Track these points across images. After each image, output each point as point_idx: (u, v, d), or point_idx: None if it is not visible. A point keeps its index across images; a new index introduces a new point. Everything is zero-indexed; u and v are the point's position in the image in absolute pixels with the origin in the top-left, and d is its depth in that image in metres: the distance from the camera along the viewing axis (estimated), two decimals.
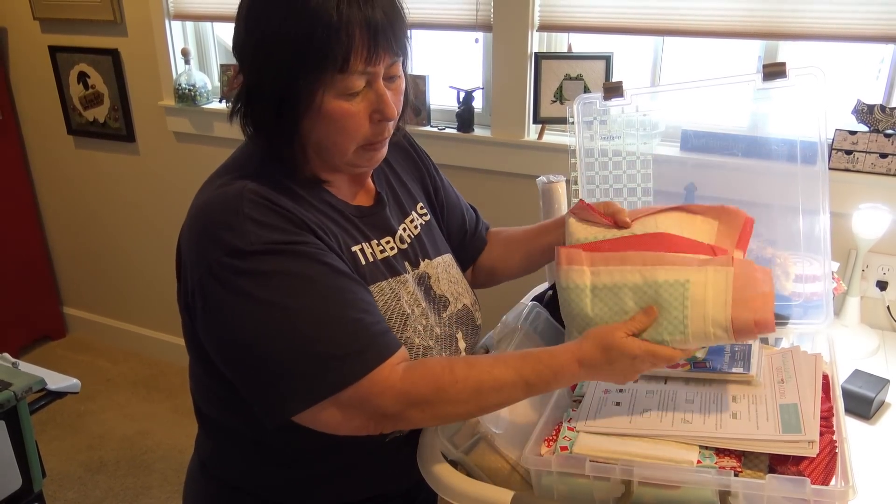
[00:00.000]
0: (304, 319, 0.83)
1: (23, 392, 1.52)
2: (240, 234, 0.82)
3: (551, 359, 0.87)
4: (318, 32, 0.80)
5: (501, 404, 0.90)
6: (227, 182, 0.89)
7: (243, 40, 0.87)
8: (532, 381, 0.87)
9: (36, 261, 3.12)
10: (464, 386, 0.85)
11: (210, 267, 0.83)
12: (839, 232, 1.58)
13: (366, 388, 0.83)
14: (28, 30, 2.75)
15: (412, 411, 0.86)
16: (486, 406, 0.88)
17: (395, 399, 0.84)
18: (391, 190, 1.08)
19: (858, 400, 1.28)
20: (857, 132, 1.60)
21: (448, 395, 0.85)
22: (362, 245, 0.96)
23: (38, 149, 3.01)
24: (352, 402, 0.84)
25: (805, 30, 1.63)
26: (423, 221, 1.10)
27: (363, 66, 0.84)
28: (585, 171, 1.28)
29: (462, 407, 0.86)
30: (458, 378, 0.85)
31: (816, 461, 0.85)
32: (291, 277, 0.83)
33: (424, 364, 0.87)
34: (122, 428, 2.64)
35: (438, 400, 0.85)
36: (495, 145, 2.05)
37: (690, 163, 1.42)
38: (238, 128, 0.93)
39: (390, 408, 0.85)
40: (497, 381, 0.86)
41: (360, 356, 0.83)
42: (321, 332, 0.83)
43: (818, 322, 1.16)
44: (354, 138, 0.90)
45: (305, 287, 0.83)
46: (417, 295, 1.01)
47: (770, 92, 1.17)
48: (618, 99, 1.24)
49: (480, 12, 1.97)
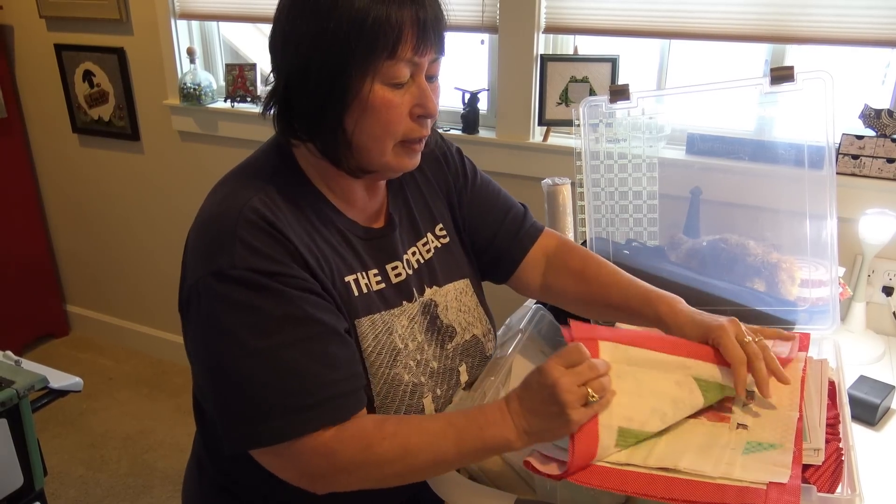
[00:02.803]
0: (259, 362, 0.81)
1: (25, 390, 1.52)
2: (226, 256, 0.82)
3: (479, 407, 0.84)
4: (369, 20, 0.81)
5: (433, 462, 0.82)
6: (234, 192, 0.88)
7: (286, 35, 0.86)
8: (461, 426, 0.82)
9: (39, 258, 3.12)
10: (391, 444, 0.81)
11: (196, 283, 0.83)
12: (845, 237, 1.57)
13: (298, 447, 0.81)
14: (34, 28, 2.76)
15: (339, 475, 0.83)
16: (414, 465, 0.82)
17: (322, 462, 0.82)
18: (407, 210, 1.05)
19: (864, 406, 1.27)
20: (865, 137, 1.60)
21: (376, 455, 0.81)
22: (357, 275, 0.93)
23: (43, 147, 3.02)
24: (285, 454, 0.82)
25: (812, 34, 1.62)
26: (438, 244, 1.07)
27: (411, 55, 0.84)
28: (591, 174, 1.28)
29: (390, 467, 0.82)
30: (387, 434, 0.82)
31: (822, 469, 0.85)
32: (260, 316, 0.81)
33: (356, 422, 0.84)
34: (124, 427, 2.64)
35: (365, 462, 0.82)
36: (500, 147, 2.05)
37: (696, 166, 1.42)
38: (243, 128, 0.92)
39: (316, 470, 0.83)
40: (425, 433, 0.82)
41: (298, 416, 0.81)
42: (271, 379, 0.81)
43: (824, 327, 1.15)
44: (394, 134, 0.88)
45: (271, 329, 0.81)
46: (415, 327, 0.98)
47: (777, 96, 1.17)
48: (624, 102, 1.24)
49: (486, 14, 1.96)
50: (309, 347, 0.82)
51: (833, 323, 1.15)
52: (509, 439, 0.81)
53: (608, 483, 0.79)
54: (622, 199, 1.29)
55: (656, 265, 1.24)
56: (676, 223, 1.35)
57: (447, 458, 0.82)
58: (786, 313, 1.16)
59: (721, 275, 1.22)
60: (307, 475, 0.84)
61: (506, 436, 0.81)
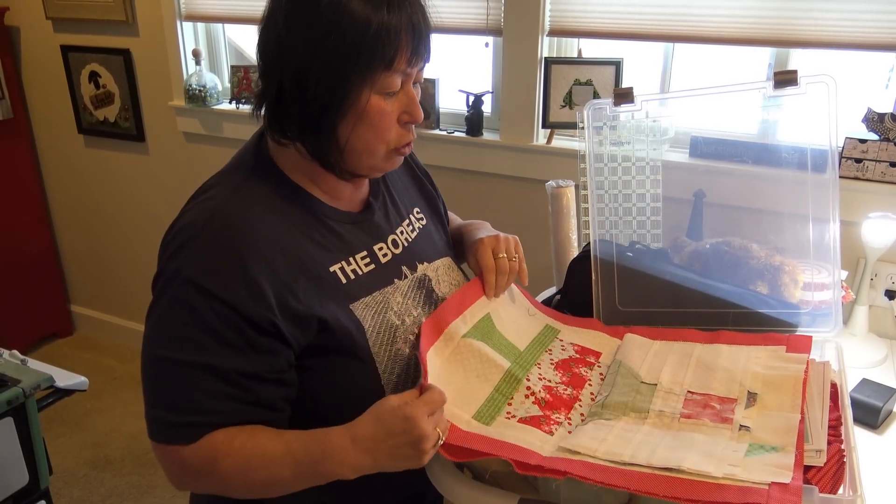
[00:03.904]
0: (154, 365, 0.87)
1: (31, 389, 1.53)
2: (182, 257, 0.86)
3: (324, 434, 0.85)
4: (370, 33, 0.83)
5: (270, 483, 0.86)
6: (211, 197, 0.92)
7: (282, 41, 0.86)
8: (299, 456, 0.85)
9: (44, 258, 3.14)
10: (233, 461, 0.85)
11: (158, 272, 0.89)
12: (848, 240, 1.57)
13: (160, 450, 0.88)
14: (40, 29, 2.77)
15: (190, 483, 0.90)
16: (252, 483, 0.86)
17: (177, 468, 0.88)
18: (388, 194, 1.09)
19: (866, 409, 1.27)
20: (868, 141, 1.60)
21: (219, 469, 0.86)
22: (342, 263, 0.95)
23: (49, 147, 3.03)
24: (157, 450, 0.89)
25: (816, 37, 1.62)
26: (420, 226, 1.11)
27: (405, 66, 0.88)
28: (594, 177, 1.28)
29: (231, 482, 0.87)
30: (232, 451, 0.85)
31: (824, 470, 0.85)
32: (173, 326, 0.85)
33: (209, 437, 0.86)
34: (128, 426, 2.65)
35: (209, 474, 0.86)
36: (504, 149, 2.05)
37: (700, 169, 1.42)
38: (247, 129, 0.93)
39: (172, 475, 0.90)
40: (265, 456, 0.85)
41: (170, 428, 0.86)
42: (162, 385, 0.87)
43: (826, 330, 1.15)
44: (384, 140, 0.92)
45: (182, 346, 0.85)
46: (409, 303, 1.00)
47: (780, 99, 1.17)
48: (628, 105, 1.24)
49: (491, 16, 1.97)
50: (198, 375, 0.85)
51: (835, 326, 1.15)
52: (343, 474, 0.84)
53: (611, 480, 0.79)
54: (626, 201, 1.30)
55: (659, 267, 1.25)
56: (680, 226, 1.35)
57: (284, 481, 0.86)
58: (788, 316, 1.16)
59: (724, 277, 1.23)
60: (167, 474, 0.91)
61: (340, 472, 0.84)
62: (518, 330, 1.10)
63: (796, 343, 1.07)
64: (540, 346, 1.10)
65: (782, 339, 1.09)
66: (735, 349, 1.08)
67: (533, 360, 1.06)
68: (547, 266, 1.51)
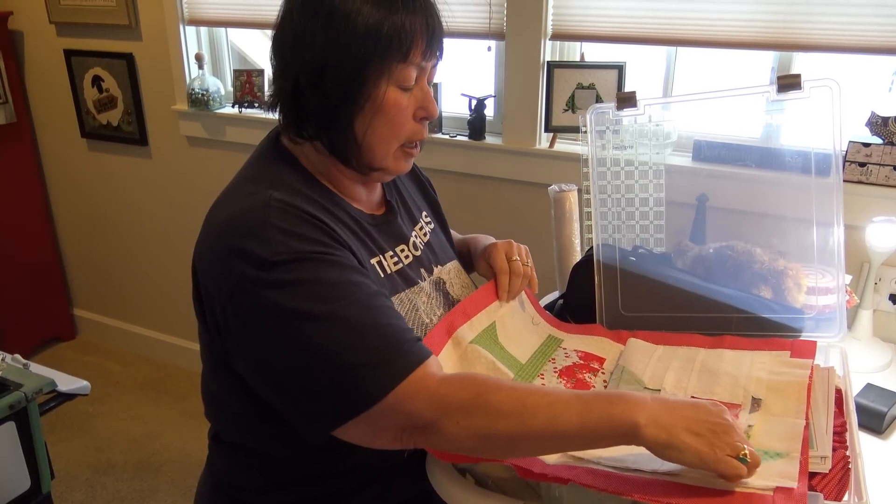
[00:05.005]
0: (332, 327, 0.79)
1: (33, 393, 1.53)
2: (266, 245, 0.81)
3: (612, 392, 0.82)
4: (386, 24, 0.85)
5: (550, 427, 0.77)
6: (249, 194, 0.88)
7: (298, 37, 0.87)
8: (588, 397, 0.77)
9: (47, 262, 3.14)
10: (507, 395, 0.78)
11: (238, 282, 0.81)
12: (852, 244, 1.57)
13: (399, 394, 0.78)
14: (44, 33, 2.78)
15: (446, 421, 0.78)
16: (532, 424, 0.77)
17: (430, 403, 0.78)
18: (400, 198, 1.10)
19: (870, 414, 1.27)
20: (871, 144, 1.60)
21: (489, 403, 0.77)
22: (380, 258, 0.97)
23: (52, 151, 3.03)
24: (384, 412, 0.79)
25: (819, 41, 1.62)
26: (430, 230, 1.13)
27: (420, 59, 0.89)
28: (597, 181, 1.28)
29: (504, 422, 0.77)
30: (503, 387, 0.79)
31: (829, 476, 0.85)
32: (318, 285, 0.81)
33: (466, 373, 0.85)
34: (131, 430, 2.65)
35: (477, 408, 0.77)
36: (507, 153, 2.05)
37: (703, 173, 1.42)
38: (250, 133, 0.93)
39: (424, 415, 0.79)
40: (547, 395, 0.78)
41: (394, 362, 0.79)
42: (351, 339, 0.79)
43: (831, 335, 1.15)
44: (399, 135, 0.92)
45: (332, 293, 0.81)
46: (433, 303, 1.02)
47: (784, 103, 1.17)
48: (631, 109, 1.24)
49: (493, 20, 1.97)
50: (374, 304, 0.83)
51: (840, 331, 1.15)
52: (638, 421, 0.74)
53: (614, 487, 0.79)
54: (629, 205, 1.29)
55: (663, 272, 1.24)
56: (683, 230, 1.35)
57: (567, 427, 0.76)
58: (792, 321, 1.16)
59: (727, 282, 1.22)
60: (409, 427, 0.80)
61: (634, 417, 0.74)
62: (521, 342, 1.10)
63: (800, 348, 1.07)
64: (542, 357, 1.10)
65: (786, 344, 1.08)
66: (739, 354, 1.08)
67: (535, 371, 1.06)
68: (549, 270, 1.51)
